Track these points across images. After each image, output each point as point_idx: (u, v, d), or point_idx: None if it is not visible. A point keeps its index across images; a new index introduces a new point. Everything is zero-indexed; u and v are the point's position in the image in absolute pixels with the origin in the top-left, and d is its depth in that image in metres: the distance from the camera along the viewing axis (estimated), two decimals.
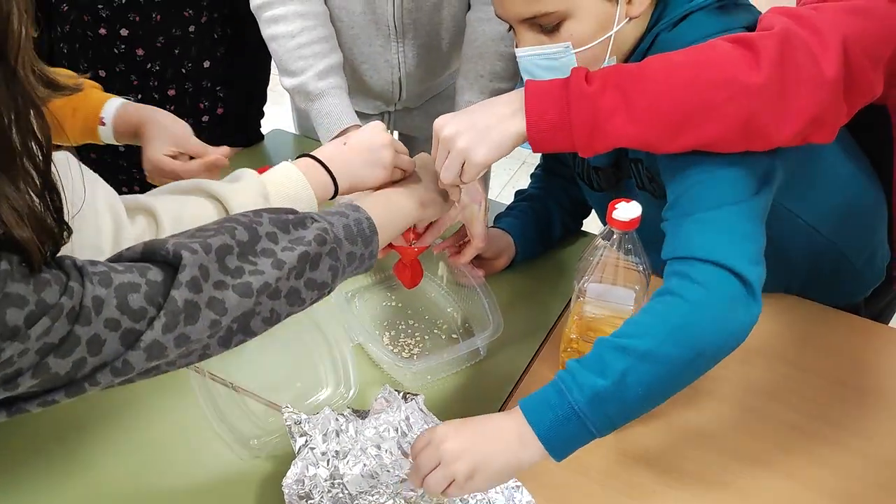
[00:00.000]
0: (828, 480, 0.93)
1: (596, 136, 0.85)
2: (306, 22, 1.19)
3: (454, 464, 0.80)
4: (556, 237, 1.27)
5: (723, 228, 0.84)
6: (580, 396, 0.79)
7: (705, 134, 0.84)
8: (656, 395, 0.83)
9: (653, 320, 0.82)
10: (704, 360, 0.83)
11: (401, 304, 1.19)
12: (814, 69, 0.83)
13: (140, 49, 1.35)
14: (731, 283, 0.81)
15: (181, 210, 0.81)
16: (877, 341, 1.14)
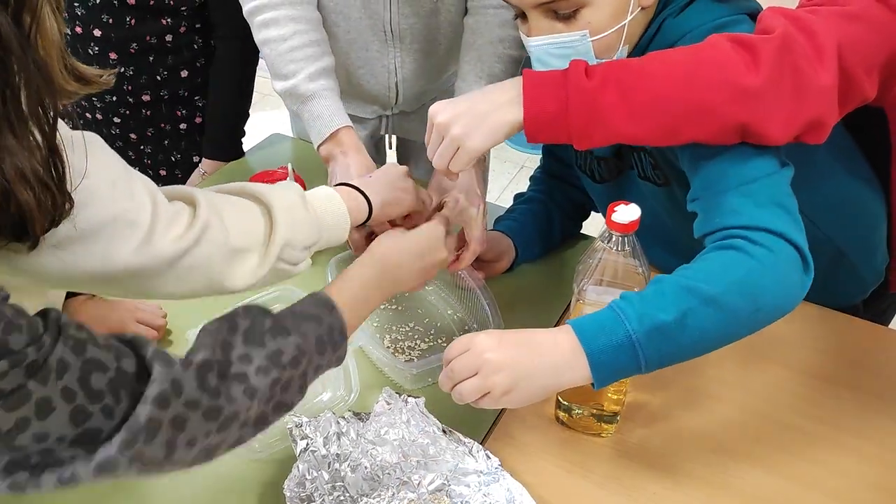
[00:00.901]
0: (827, 481, 0.93)
1: (593, 132, 0.86)
2: (298, 26, 1.20)
3: (494, 376, 0.80)
4: (555, 239, 1.28)
5: (770, 201, 0.86)
6: (639, 327, 0.79)
7: (701, 133, 0.86)
8: (708, 342, 0.83)
9: (717, 269, 0.83)
10: (761, 315, 0.84)
11: (401, 308, 1.19)
12: (811, 75, 0.83)
13: (113, 53, 1.36)
14: (791, 251, 0.83)
15: (223, 205, 0.81)
16: (876, 342, 1.14)
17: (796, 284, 0.84)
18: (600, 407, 0.97)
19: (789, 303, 0.85)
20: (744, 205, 0.86)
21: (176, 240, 0.74)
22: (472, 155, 0.90)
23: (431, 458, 0.91)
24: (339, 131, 1.17)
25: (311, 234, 0.88)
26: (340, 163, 1.15)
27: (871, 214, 1.12)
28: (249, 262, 0.81)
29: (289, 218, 0.84)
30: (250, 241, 0.82)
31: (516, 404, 0.83)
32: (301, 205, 0.87)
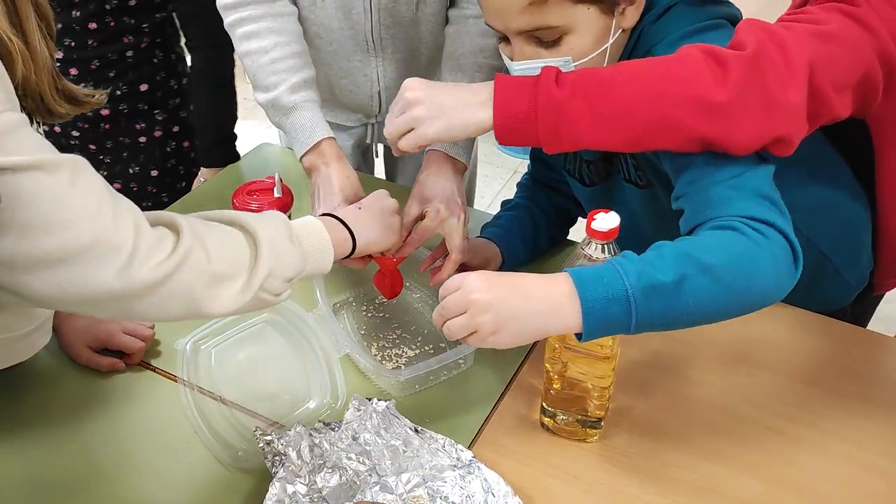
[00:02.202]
0: (812, 485, 0.94)
1: (561, 138, 0.88)
2: (279, 38, 1.20)
3: (480, 316, 0.82)
4: (542, 246, 1.28)
5: (757, 193, 0.87)
6: (636, 283, 0.80)
7: (665, 144, 0.87)
8: (699, 312, 0.83)
9: (716, 243, 0.84)
10: (751, 296, 0.84)
11: (388, 315, 1.19)
12: (779, 94, 0.84)
13: (74, 69, 1.37)
14: (782, 240, 0.85)
15: (207, 232, 0.82)
16: (860, 346, 1.15)
17: (787, 273, 0.85)
18: (585, 413, 0.97)
19: (778, 290, 0.86)
20: (733, 197, 0.87)
21: (157, 266, 0.74)
22: (422, 140, 0.92)
23: (406, 458, 0.92)
24: (322, 142, 1.18)
25: (295, 266, 0.88)
26: (323, 173, 1.16)
27: (853, 220, 1.13)
28: (231, 289, 0.81)
29: (273, 249, 0.85)
30: (233, 268, 0.82)
31: (503, 345, 0.84)
32: (286, 236, 0.88)
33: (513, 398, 1.05)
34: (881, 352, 1.15)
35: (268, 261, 0.83)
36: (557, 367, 0.95)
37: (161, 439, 0.99)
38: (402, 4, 1.26)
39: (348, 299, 1.22)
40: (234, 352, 1.11)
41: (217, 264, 0.80)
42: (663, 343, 1.13)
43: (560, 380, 0.96)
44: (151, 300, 0.75)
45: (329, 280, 1.16)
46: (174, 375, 1.06)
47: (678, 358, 1.11)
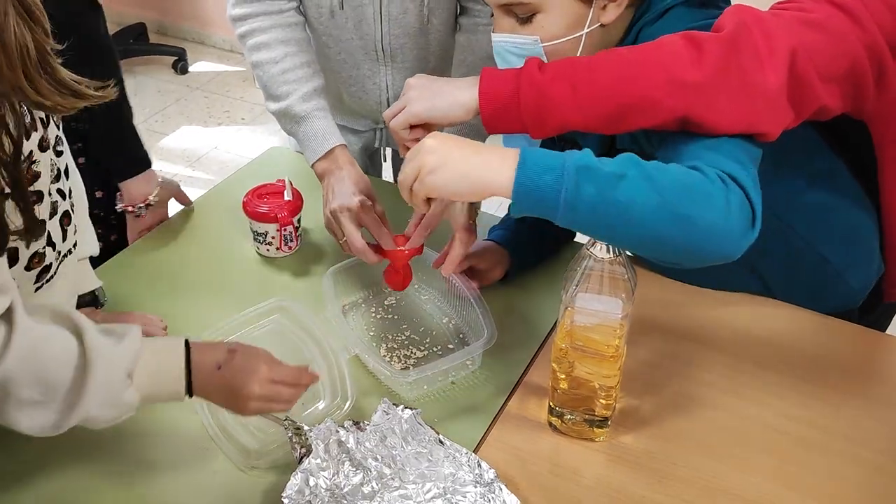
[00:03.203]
0: (819, 485, 0.95)
1: (545, 120, 0.91)
2: (288, 48, 1.23)
3: (427, 155, 0.86)
4: (549, 248, 1.29)
5: (732, 157, 0.87)
6: (576, 161, 0.82)
7: (645, 123, 0.90)
8: (630, 218, 0.82)
9: (672, 169, 0.85)
10: (691, 228, 0.82)
11: (397, 316, 1.21)
12: (757, 75, 0.86)
13: None
14: (743, 197, 0.84)
15: (40, 341, 0.79)
16: (867, 346, 1.15)
17: (739, 226, 0.83)
18: (592, 412, 0.98)
19: (727, 238, 0.83)
20: (706, 153, 0.88)
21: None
22: (411, 117, 0.97)
23: (429, 467, 0.93)
24: (335, 149, 1.20)
25: (123, 411, 0.85)
26: (336, 175, 1.17)
27: (854, 223, 1.14)
28: (44, 417, 0.79)
29: (99, 394, 0.81)
30: (49, 397, 0.79)
31: (438, 186, 0.87)
32: (120, 384, 0.83)
33: (520, 398, 1.06)
34: (887, 352, 1.15)
35: (88, 409, 0.80)
36: (564, 367, 0.96)
37: (174, 441, 1.00)
38: (412, 15, 1.27)
39: (357, 301, 1.24)
40: None
41: (32, 391, 0.77)
42: (670, 343, 1.14)
43: (567, 379, 0.97)
44: None
45: (338, 281, 1.18)
46: None
47: (685, 358, 1.11)
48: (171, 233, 1.39)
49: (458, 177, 0.86)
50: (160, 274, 1.28)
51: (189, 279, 1.28)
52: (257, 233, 1.31)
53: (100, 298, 1.13)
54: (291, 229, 1.30)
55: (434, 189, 0.87)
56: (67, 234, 0.91)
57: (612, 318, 0.90)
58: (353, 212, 1.11)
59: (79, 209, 0.97)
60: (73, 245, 0.94)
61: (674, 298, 1.22)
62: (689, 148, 0.89)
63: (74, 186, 0.95)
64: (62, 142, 0.90)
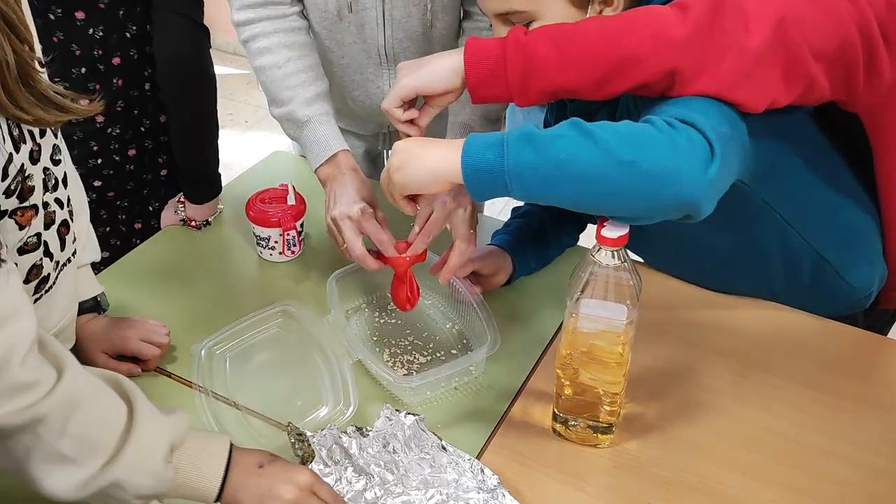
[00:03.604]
0: (823, 490, 0.94)
1: (529, 83, 0.91)
2: (292, 52, 1.22)
3: (393, 157, 0.93)
4: (552, 253, 1.29)
5: (694, 107, 0.87)
6: (518, 129, 0.85)
7: (630, 83, 0.90)
8: (574, 173, 0.82)
9: (618, 125, 0.85)
10: (636, 170, 0.81)
11: (400, 322, 1.20)
12: (739, 35, 0.87)
13: (100, 116, 1.34)
14: (698, 138, 0.83)
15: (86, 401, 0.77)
16: (873, 351, 1.15)
17: (689, 163, 0.82)
18: (596, 418, 0.98)
19: (673, 175, 0.82)
20: (668, 108, 0.89)
21: (10, 414, 0.71)
22: (399, 88, 0.98)
23: (431, 473, 0.92)
24: (338, 154, 1.20)
25: (156, 488, 0.79)
26: (339, 181, 1.17)
27: (855, 225, 1.13)
28: (72, 475, 0.75)
29: (137, 461, 0.77)
30: (85, 454, 0.75)
31: (404, 182, 0.92)
32: (161, 456, 0.78)
33: (524, 404, 1.06)
34: (893, 356, 1.15)
35: (121, 471, 0.76)
36: (569, 373, 0.96)
37: None
38: (415, 19, 1.27)
39: (360, 306, 1.23)
40: (249, 357, 1.12)
41: (68, 443, 0.74)
42: (674, 349, 1.13)
43: (572, 385, 0.97)
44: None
45: (341, 286, 1.18)
46: (189, 381, 1.07)
47: (689, 364, 1.11)
48: (174, 237, 1.39)
49: (420, 170, 0.90)
50: (162, 279, 1.28)
51: (191, 284, 1.28)
52: (260, 237, 1.31)
53: (101, 304, 1.12)
54: (294, 234, 1.30)
55: (402, 185, 0.92)
56: (66, 244, 0.91)
57: (616, 325, 0.90)
58: (353, 219, 1.10)
59: (79, 216, 0.96)
60: (73, 253, 0.94)
61: (678, 303, 1.21)
62: (657, 107, 0.90)
63: (74, 194, 0.94)
64: (60, 150, 0.89)
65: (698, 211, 0.85)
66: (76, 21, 1.24)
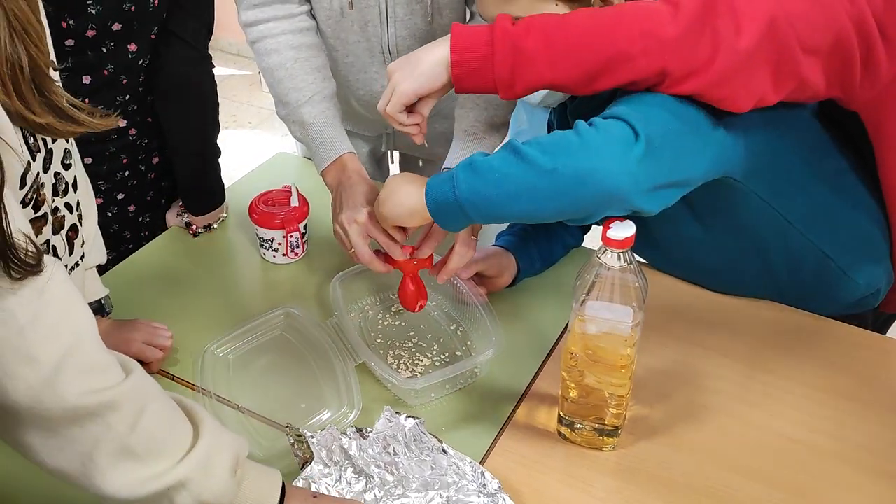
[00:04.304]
0: (831, 494, 0.94)
1: (516, 76, 0.91)
2: (300, 53, 1.22)
3: (382, 190, 1.01)
4: (557, 254, 1.28)
5: (639, 102, 0.90)
6: (464, 161, 0.93)
7: (620, 79, 0.90)
8: (509, 192, 0.89)
9: (543, 137, 0.90)
10: (556, 179, 0.86)
11: (404, 324, 1.20)
12: (730, 37, 0.86)
13: (133, 129, 1.34)
14: (621, 126, 0.87)
15: (154, 399, 0.77)
16: (879, 353, 1.14)
17: (605, 157, 0.86)
18: (602, 421, 0.97)
19: (592, 172, 0.86)
20: (617, 105, 0.91)
21: (85, 394, 0.70)
22: (399, 97, 0.98)
23: (432, 476, 0.92)
24: (344, 156, 1.20)
25: (217, 495, 0.77)
26: (346, 185, 1.17)
27: (860, 223, 1.13)
28: (136, 472, 0.73)
29: (206, 462, 0.76)
30: (154, 452, 0.74)
31: (386, 215, 1.00)
32: (229, 465, 0.78)
33: (528, 407, 1.05)
34: None
35: (187, 470, 0.75)
36: (574, 376, 0.95)
37: None
38: (419, 16, 1.27)
39: (364, 307, 1.23)
40: (252, 360, 1.12)
41: (136, 437, 0.73)
42: (680, 351, 1.13)
43: (577, 388, 0.96)
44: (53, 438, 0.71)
45: (345, 288, 1.17)
46: (192, 384, 1.07)
47: (695, 366, 1.10)
48: (177, 239, 1.38)
49: (399, 207, 0.98)
50: (165, 281, 1.28)
51: (194, 286, 1.27)
52: (263, 239, 1.30)
53: (105, 307, 1.12)
54: (298, 235, 1.29)
55: (386, 218, 1.00)
56: (74, 247, 0.91)
57: (622, 327, 0.89)
58: (361, 224, 1.10)
59: (87, 219, 0.96)
60: (81, 257, 0.93)
61: (683, 305, 1.21)
62: (609, 107, 0.92)
63: (83, 196, 0.94)
64: (71, 154, 0.89)
65: (634, 201, 0.87)
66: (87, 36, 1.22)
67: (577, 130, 0.88)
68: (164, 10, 1.23)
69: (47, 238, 0.83)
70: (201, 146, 1.37)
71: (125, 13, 1.16)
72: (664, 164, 0.89)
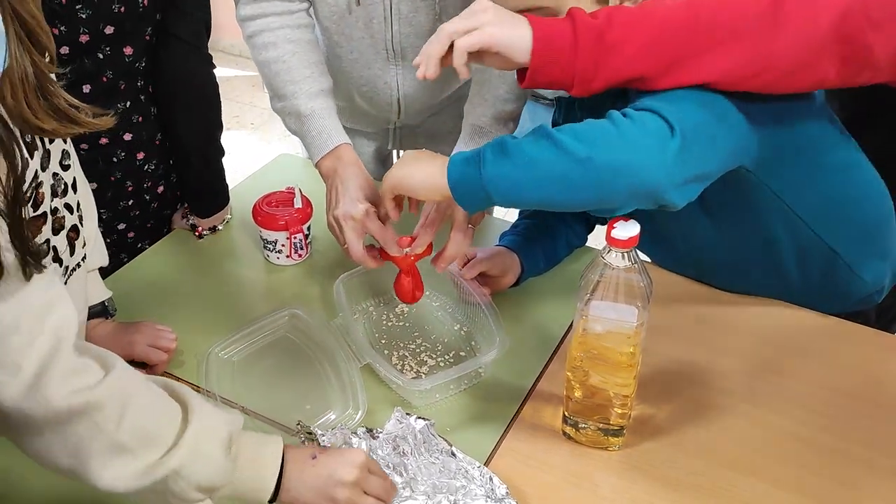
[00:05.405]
0: (837, 494, 0.93)
1: (599, 69, 0.89)
2: (297, 48, 1.22)
3: (401, 158, 1.01)
4: (561, 254, 1.28)
5: (668, 94, 0.89)
6: (493, 141, 0.90)
7: (698, 73, 0.88)
8: (539, 176, 0.87)
9: (578, 125, 0.88)
10: (590, 168, 0.85)
11: (408, 324, 1.20)
12: (809, 22, 0.86)
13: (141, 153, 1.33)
14: (654, 121, 0.86)
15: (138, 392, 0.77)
16: (883, 351, 1.14)
17: (643, 150, 0.85)
18: (607, 421, 0.97)
19: (629, 165, 0.85)
20: (646, 98, 0.89)
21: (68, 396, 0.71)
22: (484, 37, 0.90)
23: (440, 478, 0.92)
24: (339, 147, 1.19)
25: (213, 479, 0.78)
26: (341, 175, 1.16)
27: (869, 218, 1.13)
28: (129, 465, 0.74)
29: (197, 448, 0.77)
30: (143, 444, 0.75)
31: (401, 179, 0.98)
32: (222, 444, 0.78)
33: (533, 407, 1.05)
34: None
35: (179, 459, 0.75)
36: (579, 376, 0.95)
37: None
38: (423, 13, 1.27)
39: (368, 308, 1.23)
40: (256, 361, 1.12)
41: (125, 431, 0.74)
42: (685, 350, 1.12)
43: (582, 388, 0.96)
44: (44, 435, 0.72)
45: (349, 289, 1.17)
46: (197, 386, 1.07)
47: (700, 365, 1.10)
48: (181, 241, 1.38)
49: (419, 174, 0.96)
50: (169, 283, 1.28)
51: (198, 288, 1.27)
52: (267, 241, 1.30)
53: (109, 309, 1.12)
54: (301, 237, 1.29)
55: (394, 182, 0.98)
56: (76, 248, 0.91)
57: (627, 326, 0.89)
58: (357, 220, 1.10)
59: (88, 221, 0.96)
60: (82, 258, 0.94)
61: (688, 304, 1.20)
62: (637, 100, 0.90)
63: (83, 198, 0.94)
64: (69, 155, 0.89)
65: (665, 198, 0.87)
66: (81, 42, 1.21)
67: (613, 121, 0.86)
68: (155, 10, 1.22)
69: (47, 238, 0.83)
70: (206, 145, 1.37)
71: (115, 14, 1.16)
72: (696, 158, 0.88)
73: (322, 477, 0.83)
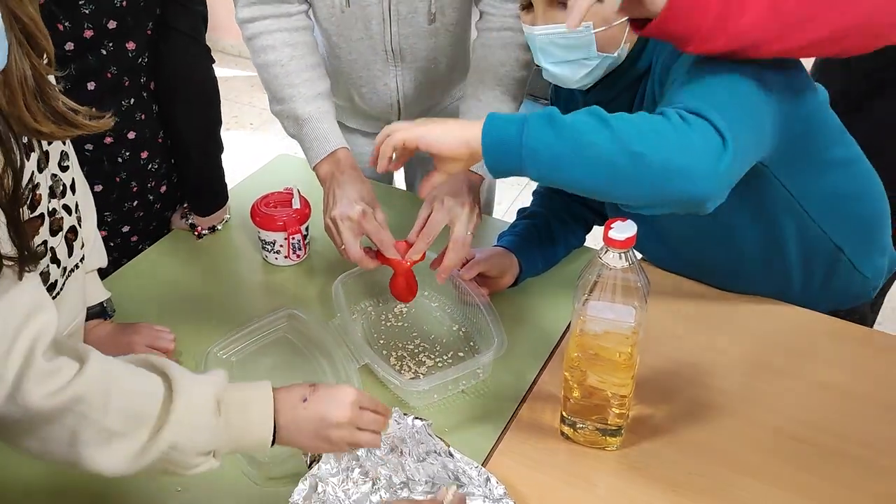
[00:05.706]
0: (834, 493, 0.93)
1: (718, 25, 0.86)
2: (295, 51, 1.22)
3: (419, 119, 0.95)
4: (559, 254, 1.28)
5: (714, 97, 0.87)
6: (540, 111, 0.86)
7: (825, 27, 0.87)
8: (587, 156, 0.85)
9: (634, 116, 0.87)
10: (640, 164, 0.83)
11: (406, 324, 1.20)
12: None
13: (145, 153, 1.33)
14: (711, 133, 0.84)
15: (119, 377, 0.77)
16: (881, 351, 1.14)
17: (700, 160, 0.83)
18: (605, 421, 0.97)
19: (682, 171, 0.83)
20: (689, 91, 0.89)
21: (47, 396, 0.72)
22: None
23: (440, 479, 0.92)
24: (337, 151, 1.20)
25: (211, 443, 0.79)
26: (339, 179, 1.17)
27: (870, 213, 1.13)
28: (123, 448, 0.75)
29: (186, 419, 0.77)
30: (132, 426, 0.75)
31: (424, 132, 0.92)
32: (210, 409, 0.79)
33: (531, 407, 1.05)
34: None
35: (173, 433, 0.76)
36: (577, 376, 0.95)
37: None
38: (421, 14, 1.27)
39: (367, 309, 1.23)
40: (254, 362, 1.12)
41: (113, 418, 0.74)
42: (683, 351, 1.12)
43: (580, 388, 0.96)
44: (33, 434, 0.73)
45: (347, 290, 1.17)
46: None
47: (698, 366, 1.10)
48: (179, 241, 1.38)
49: (447, 131, 0.91)
50: (167, 283, 1.28)
51: (197, 288, 1.27)
52: (265, 241, 1.30)
53: (107, 310, 1.12)
54: (300, 238, 1.30)
55: (422, 134, 0.92)
56: (74, 250, 0.91)
57: (624, 327, 0.89)
58: (353, 220, 1.10)
59: (86, 222, 0.96)
60: (81, 259, 0.94)
61: (686, 304, 1.20)
62: (676, 97, 0.90)
63: (82, 199, 0.94)
64: (68, 156, 0.89)
65: (705, 207, 0.86)
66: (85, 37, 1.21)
67: (670, 120, 0.85)
68: (156, 3, 1.23)
69: (45, 239, 0.83)
70: (207, 140, 1.37)
71: (117, 9, 1.16)
72: (739, 171, 0.88)
73: (314, 420, 0.83)
